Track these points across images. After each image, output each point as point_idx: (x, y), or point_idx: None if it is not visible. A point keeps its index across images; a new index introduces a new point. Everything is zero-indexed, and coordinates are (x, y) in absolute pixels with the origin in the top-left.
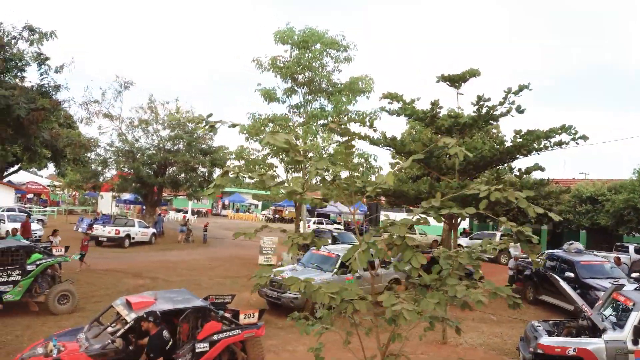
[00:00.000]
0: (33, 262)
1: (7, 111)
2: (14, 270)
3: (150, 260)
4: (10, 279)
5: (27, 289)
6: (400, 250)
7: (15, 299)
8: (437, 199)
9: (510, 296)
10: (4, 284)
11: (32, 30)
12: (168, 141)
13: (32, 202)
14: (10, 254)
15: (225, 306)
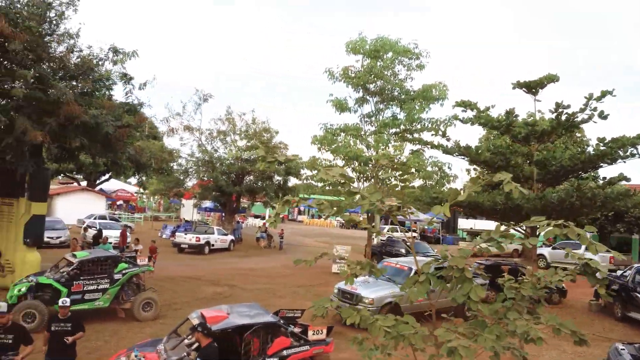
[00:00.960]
0: (119, 271)
1: (96, 129)
2: (103, 279)
3: (228, 267)
4: (99, 287)
5: (114, 296)
6: (459, 283)
7: (104, 305)
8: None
9: (576, 332)
10: (94, 292)
11: (117, 51)
12: (245, 151)
13: (121, 209)
14: (100, 264)
15: (295, 320)
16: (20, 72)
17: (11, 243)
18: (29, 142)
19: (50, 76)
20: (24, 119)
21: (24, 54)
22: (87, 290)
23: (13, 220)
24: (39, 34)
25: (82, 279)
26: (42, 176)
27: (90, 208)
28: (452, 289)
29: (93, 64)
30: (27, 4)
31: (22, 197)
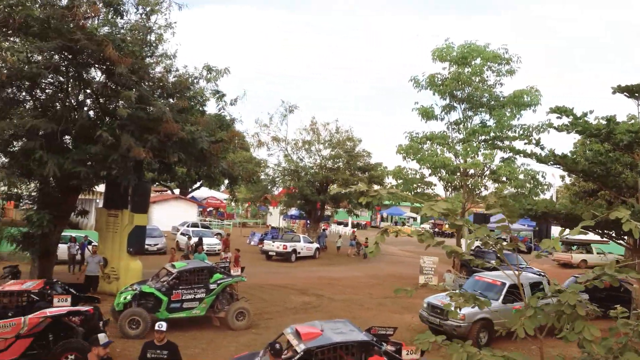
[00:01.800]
0: (215, 281)
1: (192, 144)
2: (200, 289)
3: (315, 276)
4: (196, 296)
5: (210, 305)
6: (570, 320)
7: (200, 314)
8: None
9: None
10: (191, 301)
11: (210, 69)
12: (329, 160)
13: (211, 216)
14: (197, 274)
15: (387, 338)
16: (124, 93)
17: (116, 252)
18: (132, 158)
19: (150, 95)
20: (128, 136)
21: (128, 76)
22: (185, 299)
23: (118, 230)
24: (141, 57)
25: (181, 289)
26: (144, 189)
27: (183, 215)
28: (562, 326)
29: (188, 83)
30: (130, 29)
31: (125, 209)
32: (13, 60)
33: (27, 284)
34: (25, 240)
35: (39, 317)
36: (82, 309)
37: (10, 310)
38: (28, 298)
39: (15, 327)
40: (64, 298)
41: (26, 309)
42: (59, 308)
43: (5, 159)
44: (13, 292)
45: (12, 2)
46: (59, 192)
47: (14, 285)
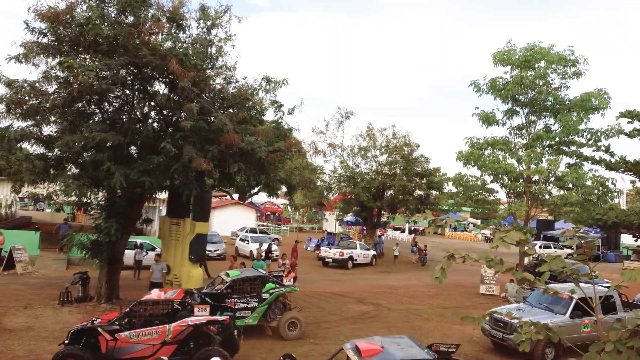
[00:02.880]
0: (267, 290)
1: (251, 154)
2: (252, 298)
3: (372, 284)
4: (249, 305)
5: (262, 315)
6: None
7: (253, 323)
8: None
9: None
10: (244, 310)
11: (269, 80)
12: (385, 166)
13: (269, 220)
14: (250, 283)
15: (450, 356)
16: (187, 105)
17: (178, 259)
18: (194, 169)
19: (211, 107)
20: (190, 147)
21: (190, 89)
22: (238, 308)
23: (180, 238)
24: (202, 70)
25: (234, 297)
26: (205, 198)
27: (242, 221)
28: None
29: (248, 94)
30: (192, 42)
31: (187, 218)
32: (84, 78)
33: (169, 293)
34: (94, 247)
35: (182, 326)
36: (219, 318)
37: (155, 318)
38: (171, 307)
39: (161, 335)
40: (203, 308)
41: (170, 318)
42: (199, 317)
43: (76, 169)
44: (158, 302)
45: (83, 22)
46: (125, 201)
47: (157, 294)
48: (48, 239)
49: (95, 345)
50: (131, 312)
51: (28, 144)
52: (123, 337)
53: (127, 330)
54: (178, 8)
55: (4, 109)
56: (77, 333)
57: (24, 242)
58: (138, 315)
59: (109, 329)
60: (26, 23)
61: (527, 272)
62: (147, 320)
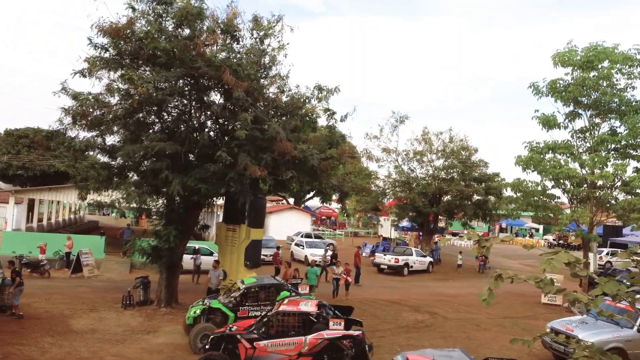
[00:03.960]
0: (282, 299)
1: (304, 162)
2: (267, 306)
3: (428, 291)
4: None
5: None
6: None
7: None
8: None
9: None
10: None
11: (321, 88)
12: (442, 170)
13: (324, 225)
14: (264, 291)
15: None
16: (241, 115)
17: (234, 265)
18: (248, 176)
19: (265, 116)
20: (245, 156)
21: (244, 99)
22: (252, 316)
23: (236, 244)
24: (255, 79)
25: (248, 305)
26: (259, 205)
27: (297, 225)
28: None
29: (300, 102)
30: (246, 53)
31: (242, 224)
32: (143, 90)
33: (302, 305)
34: (153, 252)
35: (318, 338)
36: (353, 333)
37: (291, 329)
38: (306, 319)
39: (298, 346)
40: (338, 322)
41: (305, 330)
42: (334, 331)
43: (137, 177)
44: (294, 313)
45: (142, 36)
46: (183, 208)
47: (290, 305)
48: (113, 243)
49: (233, 352)
50: (268, 322)
51: (93, 153)
52: (261, 346)
53: (265, 339)
54: (232, 20)
55: (71, 120)
56: (216, 339)
57: (90, 246)
58: (273, 325)
59: (247, 337)
60: (90, 39)
61: (591, 282)
62: (282, 330)
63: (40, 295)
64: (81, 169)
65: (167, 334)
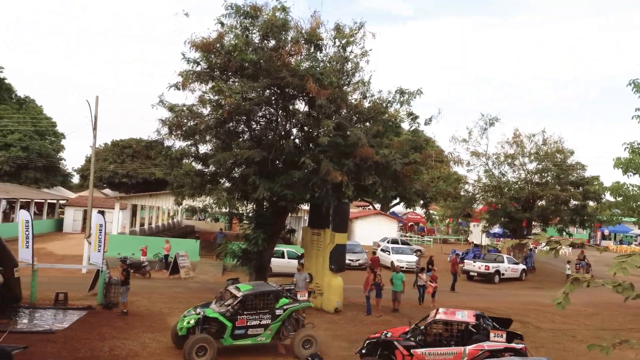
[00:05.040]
0: (281, 306)
1: (386, 167)
2: (265, 315)
3: (520, 300)
4: (262, 322)
5: (275, 332)
6: None
7: (266, 341)
8: None
9: None
10: (256, 327)
11: (402, 92)
12: (535, 174)
13: (412, 231)
14: (262, 299)
15: None
16: (325, 122)
17: (319, 268)
18: (331, 181)
19: (347, 122)
20: (327, 162)
21: (327, 106)
22: (250, 325)
23: (321, 248)
24: (338, 87)
25: (246, 314)
26: (343, 210)
27: (383, 231)
28: None
29: (383, 108)
30: (329, 61)
31: (327, 229)
32: (233, 100)
33: (458, 314)
34: (244, 255)
35: (478, 350)
36: (516, 346)
37: (448, 338)
38: (465, 329)
39: (457, 357)
40: (500, 334)
41: (463, 340)
42: (496, 343)
43: (228, 184)
44: (453, 322)
45: (231, 49)
46: (271, 213)
47: (447, 314)
48: (207, 247)
49: (389, 358)
50: (424, 330)
51: (187, 161)
52: (419, 354)
53: (422, 347)
54: (315, 29)
55: (167, 130)
56: (372, 345)
57: (186, 249)
58: (430, 333)
59: (404, 344)
60: (183, 54)
61: None
62: (439, 339)
63: (142, 294)
64: (177, 176)
65: None
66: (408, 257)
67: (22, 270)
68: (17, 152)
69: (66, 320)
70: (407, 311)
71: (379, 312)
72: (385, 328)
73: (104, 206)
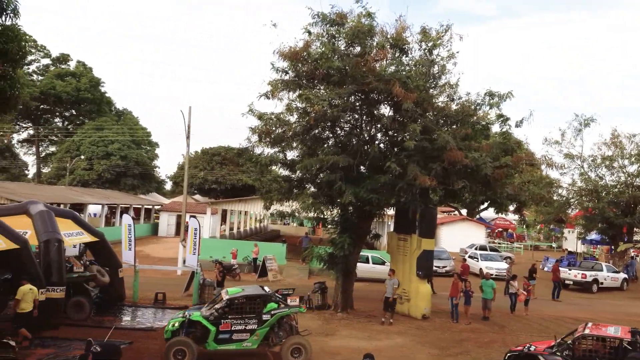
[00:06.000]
0: (268, 311)
1: (476, 171)
2: (251, 319)
3: (621, 311)
4: (247, 327)
5: (263, 338)
6: None
7: (252, 347)
8: None
9: None
10: (241, 332)
11: (492, 94)
12: (637, 177)
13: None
14: (249, 303)
15: None
16: (411, 125)
17: (406, 274)
18: (418, 186)
19: (434, 125)
20: (414, 166)
21: (413, 110)
22: (235, 330)
23: (407, 254)
24: (424, 90)
25: (230, 318)
26: (430, 215)
27: (470, 237)
28: None
29: (471, 110)
30: (415, 64)
31: (413, 234)
32: (319, 108)
33: (611, 329)
34: (330, 259)
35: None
36: None
37: (600, 355)
38: (618, 345)
39: None
40: None
41: (616, 357)
42: None
43: (314, 189)
44: (605, 338)
45: (317, 57)
46: (356, 218)
47: (596, 329)
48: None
49: None
50: (571, 345)
51: (275, 167)
52: None
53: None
54: (401, 33)
55: (257, 138)
56: (514, 357)
57: (273, 252)
58: (579, 348)
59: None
60: (272, 64)
61: None
62: (589, 355)
63: None
64: (265, 182)
65: (344, 338)
66: (498, 264)
67: (124, 271)
68: (117, 161)
69: (165, 319)
70: (498, 319)
71: (467, 319)
72: (477, 335)
73: (196, 211)
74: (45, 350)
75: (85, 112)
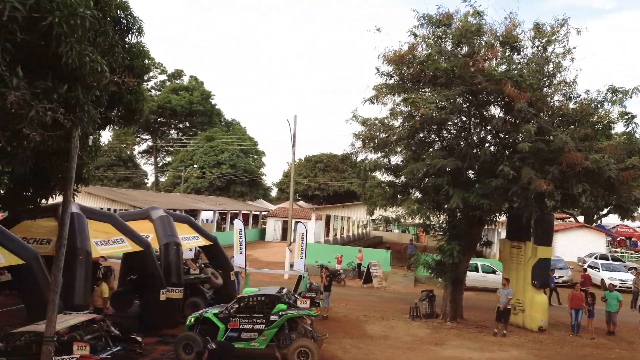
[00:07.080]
0: (276, 312)
1: (598, 173)
2: (259, 319)
3: None
4: (255, 327)
5: (271, 339)
6: None
7: (260, 347)
8: None
9: None
10: (249, 331)
11: (615, 90)
12: None
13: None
14: (259, 303)
15: None
16: (524, 126)
17: (520, 284)
18: (533, 190)
19: (550, 126)
20: (528, 169)
21: (526, 110)
22: (244, 329)
23: (521, 262)
24: (538, 89)
25: (239, 317)
26: (546, 221)
27: (589, 246)
28: None
29: (591, 109)
30: (527, 62)
31: (528, 241)
32: (426, 111)
33: None
34: (438, 267)
35: None
36: None
37: None
38: None
39: None
40: None
41: None
42: None
43: (419, 194)
44: None
45: (423, 59)
46: (465, 224)
47: None
48: (397, 257)
49: None
50: None
51: (379, 173)
52: None
53: None
54: (511, 31)
55: (361, 144)
56: None
57: (378, 259)
58: None
59: None
60: (377, 68)
61: None
62: None
63: (339, 301)
64: (368, 188)
65: (454, 348)
66: (621, 274)
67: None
68: (227, 170)
69: None
70: (625, 335)
71: (591, 334)
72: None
73: (301, 217)
74: (165, 347)
75: (198, 124)
